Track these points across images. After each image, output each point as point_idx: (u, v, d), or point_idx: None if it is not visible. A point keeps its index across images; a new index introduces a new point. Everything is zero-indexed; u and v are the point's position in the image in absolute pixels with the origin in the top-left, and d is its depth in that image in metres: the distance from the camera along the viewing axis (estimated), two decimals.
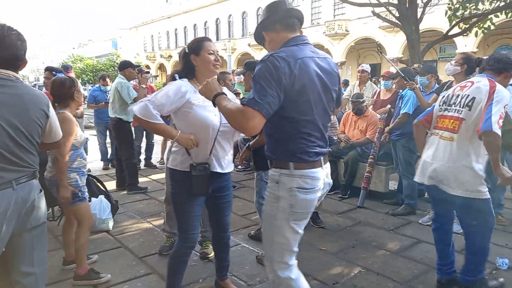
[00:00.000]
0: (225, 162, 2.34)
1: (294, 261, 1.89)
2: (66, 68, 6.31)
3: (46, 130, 1.99)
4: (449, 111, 2.61)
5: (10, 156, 1.78)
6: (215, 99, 1.77)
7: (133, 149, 5.46)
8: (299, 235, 1.87)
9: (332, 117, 2.06)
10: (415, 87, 4.11)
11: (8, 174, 1.78)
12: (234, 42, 32.97)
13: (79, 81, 2.95)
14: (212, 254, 3.10)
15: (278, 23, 1.86)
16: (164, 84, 6.12)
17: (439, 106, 2.72)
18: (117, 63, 33.30)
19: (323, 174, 1.85)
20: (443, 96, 2.72)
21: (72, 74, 6.63)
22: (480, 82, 2.52)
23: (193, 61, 2.27)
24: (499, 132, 2.26)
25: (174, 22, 41.44)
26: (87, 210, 2.94)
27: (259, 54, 29.28)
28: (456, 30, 7.55)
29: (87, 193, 2.92)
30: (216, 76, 2.12)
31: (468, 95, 2.51)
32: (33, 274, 1.95)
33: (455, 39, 7.65)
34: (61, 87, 2.79)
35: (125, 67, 5.34)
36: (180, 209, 2.33)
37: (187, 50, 2.29)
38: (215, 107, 1.80)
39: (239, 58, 33.11)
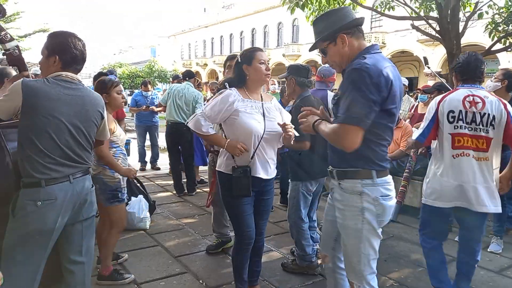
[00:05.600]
0: (268, 168, 2.42)
1: None
2: (111, 73, 6.66)
3: (100, 129, 2.16)
4: (470, 130, 2.54)
5: (70, 152, 1.94)
6: (314, 127, 1.82)
7: None
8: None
9: None
10: None
11: (67, 169, 1.94)
12: (269, 52, 33.22)
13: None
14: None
15: (358, 30, 1.84)
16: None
17: (449, 123, 2.58)
18: (154, 70, 34.46)
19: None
20: (453, 112, 2.58)
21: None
22: (488, 97, 2.55)
23: (245, 70, 2.36)
24: None
25: (211, 31, 42.39)
26: (122, 212, 2.95)
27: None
28: (499, 45, 7.32)
29: (126, 195, 2.96)
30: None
31: (489, 114, 2.51)
32: (81, 262, 2.10)
33: (498, 54, 7.41)
34: (96, 87, 2.89)
35: (194, 75, 5.80)
36: (231, 209, 2.46)
37: (239, 60, 2.40)
38: (317, 133, 1.83)
39: (273, 68, 33.37)
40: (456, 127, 2.58)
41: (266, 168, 2.41)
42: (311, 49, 2.04)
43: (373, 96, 1.61)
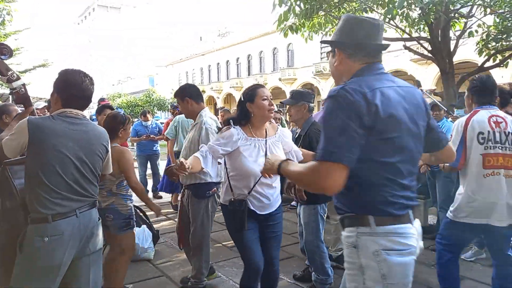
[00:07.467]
0: (265, 204, 2.42)
1: None
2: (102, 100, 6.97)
3: (104, 163, 2.20)
4: (502, 149, 2.62)
5: (76, 186, 1.97)
6: (280, 170, 1.56)
7: None
8: None
9: None
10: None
11: (73, 203, 1.96)
12: (265, 77, 33.77)
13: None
14: None
15: (365, 53, 1.51)
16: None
17: (480, 144, 2.64)
18: (153, 99, 34.84)
19: (414, 232, 1.46)
20: (482, 134, 2.65)
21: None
22: (507, 117, 2.68)
23: (248, 108, 2.40)
24: None
25: (207, 59, 43.11)
26: (133, 239, 3.04)
27: (289, 88, 29.75)
28: (491, 61, 7.47)
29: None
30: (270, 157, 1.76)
31: (510, 133, 2.63)
32: None
33: (491, 70, 7.56)
34: (112, 121, 2.97)
35: None
36: (235, 238, 2.47)
37: (242, 99, 2.45)
38: (282, 176, 1.60)
39: (270, 92, 33.67)
40: (486, 147, 2.64)
41: (263, 204, 2.41)
42: (324, 42, 1.72)
43: (354, 124, 1.31)
